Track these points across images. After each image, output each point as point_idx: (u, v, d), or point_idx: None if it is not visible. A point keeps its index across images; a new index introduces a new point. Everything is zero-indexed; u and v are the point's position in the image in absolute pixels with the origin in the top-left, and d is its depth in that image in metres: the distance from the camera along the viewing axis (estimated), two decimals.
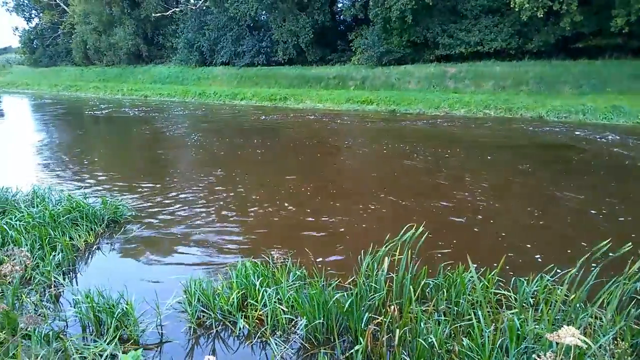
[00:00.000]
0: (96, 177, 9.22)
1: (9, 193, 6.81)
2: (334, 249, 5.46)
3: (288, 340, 3.64)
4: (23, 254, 1.67)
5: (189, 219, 6.67)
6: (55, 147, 13.09)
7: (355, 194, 7.97)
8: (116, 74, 36.88)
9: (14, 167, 10.60)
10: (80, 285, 4.66)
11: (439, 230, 6.00)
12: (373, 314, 3.67)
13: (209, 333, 3.85)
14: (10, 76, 47.38)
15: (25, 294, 4.20)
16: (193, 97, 26.87)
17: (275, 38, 28.22)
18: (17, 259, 1.62)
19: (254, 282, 4.12)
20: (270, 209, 7.03)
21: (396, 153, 11.22)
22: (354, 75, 25.10)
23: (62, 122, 19.43)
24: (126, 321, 3.74)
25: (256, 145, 12.63)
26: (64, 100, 29.01)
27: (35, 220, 5.58)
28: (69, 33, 42.85)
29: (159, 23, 35.72)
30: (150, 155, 12.35)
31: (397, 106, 19.91)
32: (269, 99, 23.71)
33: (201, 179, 8.97)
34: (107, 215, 6.34)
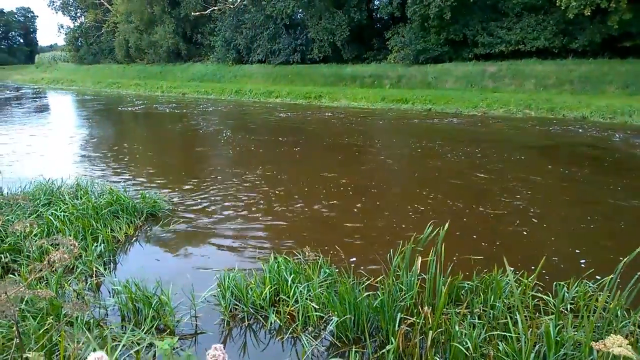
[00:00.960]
0: (134, 172, 9.52)
1: (55, 185, 7.11)
2: (372, 248, 5.42)
3: (318, 337, 3.64)
4: (71, 242, 1.73)
5: (225, 214, 6.78)
6: (95, 142, 13.59)
7: (396, 193, 7.89)
8: (156, 71, 37.90)
9: (57, 159, 11.05)
10: (120, 275, 4.81)
11: (476, 230, 5.86)
12: (404, 314, 3.62)
13: (241, 326, 3.90)
14: (56, 73, 49.52)
15: (68, 282, 4.38)
16: (229, 94, 27.29)
17: (310, 36, 28.29)
18: (66, 247, 1.68)
19: (286, 278, 4.14)
20: (307, 206, 7.06)
21: (434, 153, 11.03)
22: (389, 74, 24.87)
23: (102, 118, 20.14)
24: (162, 311, 3.84)
25: (292, 143, 12.70)
26: (105, 96, 30.07)
27: (78, 212, 5.79)
28: (112, 32, 44.40)
29: (197, 22, 36.49)
30: (187, 151, 12.65)
31: (434, 105, 19.57)
32: (304, 97, 23.80)
33: (237, 175, 9.09)
34: (146, 208, 6.52)
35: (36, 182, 7.16)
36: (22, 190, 6.89)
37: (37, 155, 11.31)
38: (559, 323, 3.20)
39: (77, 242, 5.07)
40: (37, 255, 4.81)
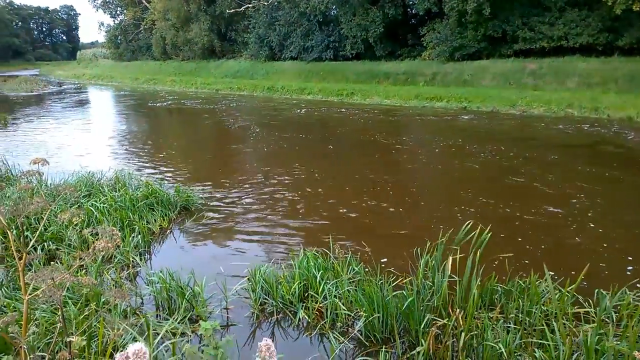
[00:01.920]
0: (167, 166, 9.76)
1: (95, 177, 7.37)
2: (402, 247, 5.37)
3: (346, 336, 3.63)
4: (114, 232, 1.79)
5: (256, 209, 6.86)
6: (131, 137, 14.00)
7: (430, 192, 7.78)
8: (191, 68, 38.64)
9: (94, 153, 11.42)
10: (154, 266, 4.95)
11: (513, 232, 5.71)
12: (434, 315, 3.57)
13: (270, 320, 3.94)
14: (96, 69, 51.25)
15: (107, 271, 4.54)
16: (261, 91, 27.55)
17: (343, 33, 28.16)
18: (109, 237, 1.73)
19: (315, 274, 4.15)
20: (339, 203, 7.07)
21: (469, 152, 10.78)
22: (424, 71, 24.43)
23: (138, 114, 20.73)
24: (195, 302, 3.92)
25: (324, 140, 12.72)
26: (141, 92, 30.85)
27: (116, 204, 5.99)
28: (150, 29, 45.56)
29: (232, 19, 36.99)
30: (220, 147, 12.86)
31: (469, 103, 19.12)
32: (336, 94, 23.73)
33: (269, 172, 9.18)
34: (180, 202, 6.68)
35: (77, 174, 7.46)
36: (65, 181, 7.18)
37: (74, 148, 11.75)
38: (599, 332, 3.07)
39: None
40: (78, 244, 5.00)
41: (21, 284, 1.73)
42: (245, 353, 3.47)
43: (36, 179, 1.96)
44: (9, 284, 4.10)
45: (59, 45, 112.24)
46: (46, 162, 1.98)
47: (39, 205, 1.67)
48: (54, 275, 1.62)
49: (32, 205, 1.64)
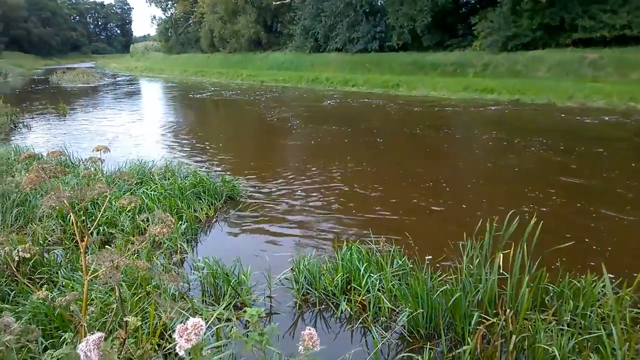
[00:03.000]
0: (212, 156, 9.98)
1: (147, 166, 7.67)
2: (449, 242, 5.24)
3: (389, 330, 3.59)
4: (169, 218, 1.84)
5: (300, 200, 6.90)
6: (178, 127, 14.44)
7: (480, 188, 7.52)
8: (237, 60, 39.31)
9: (144, 142, 11.85)
10: (200, 253, 5.09)
11: (569, 230, 5.44)
12: (480, 312, 3.47)
13: (312, 310, 3.96)
14: (147, 62, 53.19)
15: (156, 256, 4.71)
16: (306, 82, 27.61)
17: (390, 23, 27.69)
18: (164, 223, 1.79)
19: (358, 266, 4.12)
20: (384, 197, 7.01)
21: (521, 146, 10.34)
22: (474, 62, 23.59)
23: (184, 105, 21.32)
24: (240, 290, 4.00)
25: (369, 133, 12.61)
26: (189, 84, 31.69)
27: (166, 192, 6.20)
28: (199, 22, 46.76)
29: (278, 11, 37.29)
30: (265, 138, 13.03)
31: (522, 95, 18.32)
32: (381, 86, 23.42)
33: (314, 164, 9.20)
34: (226, 192, 6.82)
35: (131, 162, 7.79)
36: (119, 169, 7.51)
37: (125, 137, 12.25)
38: None
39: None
40: (130, 229, 5.21)
41: (82, 265, 1.81)
42: (286, 342, 3.51)
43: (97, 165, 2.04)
44: (67, 265, 4.33)
45: (114, 38, 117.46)
46: (107, 149, 2.07)
47: (100, 191, 1.74)
48: (113, 257, 1.69)
49: (95, 190, 1.72)
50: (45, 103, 19.66)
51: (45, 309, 3.25)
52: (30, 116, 15.94)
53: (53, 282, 4.01)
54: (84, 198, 1.70)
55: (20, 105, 17.54)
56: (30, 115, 16.26)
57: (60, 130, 13.41)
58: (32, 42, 79.28)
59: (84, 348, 1.30)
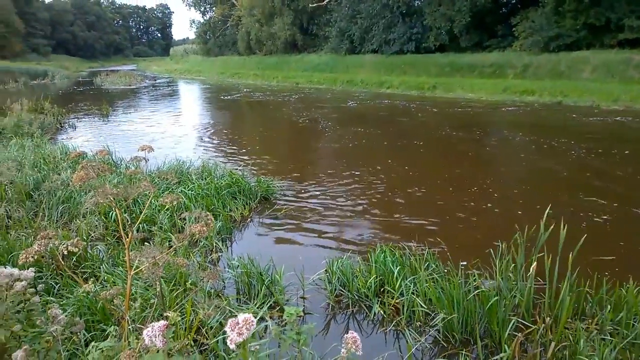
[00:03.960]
0: (247, 156, 10.12)
1: (184, 166, 7.86)
2: (484, 247, 5.12)
3: (423, 334, 3.54)
4: (209, 217, 1.88)
5: (334, 203, 6.89)
6: (215, 128, 14.72)
7: (523, 192, 7.28)
8: (273, 62, 39.75)
9: (181, 142, 12.12)
10: (235, 252, 5.16)
11: (608, 238, 5.22)
12: (516, 317, 3.39)
13: (345, 312, 3.95)
14: (186, 64, 54.58)
15: (192, 254, 4.81)
16: (341, 84, 27.60)
17: (427, 24, 27.33)
18: (204, 221, 1.84)
19: (392, 269, 4.08)
20: (419, 200, 6.93)
21: (562, 151, 9.99)
22: (514, 63, 22.95)
23: (221, 106, 21.70)
24: (273, 289, 4.04)
25: (406, 135, 12.48)
26: (226, 86, 32.27)
27: (203, 191, 6.33)
28: (236, 25, 47.65)
29: (314, 13, 37.50)
30: (299, 140, 13.09)
31: (564, 98, 17.68)
32: (417, 88, 23.13)
33: (348, 166, 9.19)
34: (260, 192, 6.89)
35: (169, 162, 8.01)
36: (159, 168, 7.73)
37: (163, 137, 12.60)
38: None
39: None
40: (168, 227, 5.35)
41: (126, 261, 1.87)
42: (318, 342, 3.51)
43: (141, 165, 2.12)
44: (108, 260, 4.49)
45: (154, 41, 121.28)
46: (151, 149, 2.13)
47: (145, 189, 1.80)
48: (155, 254, 1.74)
49: (140, 188, 1.78)
50: (89, 104, 20.50)
51: (88, 302, 3.38)
52: (75, 116, 16.64)
53: (95, 276, 4.16)
54: (129, 196, 1.76)
55: (66, 106, 18.33)
56: (75, 115, 16.98)
57: (102, 131, 13.95)
58: (77, 45, 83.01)
59: (150, 333, 1.35)
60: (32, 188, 6.28)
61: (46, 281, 3.77)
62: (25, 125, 11.82)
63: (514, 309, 3.56)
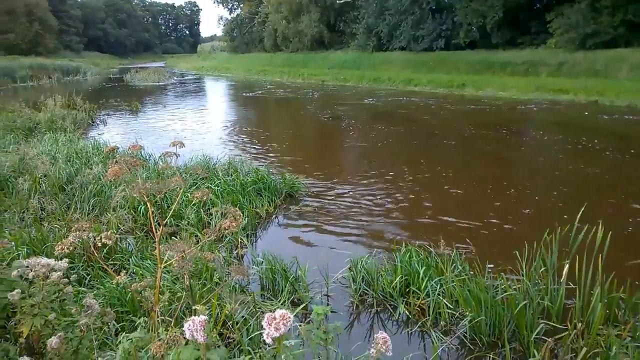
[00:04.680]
0: (273, 153, 10.17)
1: (211, 162, 7.95)
2: (521, 252, 5.01)
3: (449, 335, 3.48)
4: (237, 213, 1.89)
5: (359, 201, 6.85)
6: (241, 125, 14.87)
7: (554, 195, 7.03)
8: (299, 59, 39.79)
9: (206, 138, 12.25)
10: (259, 248, 5.19)
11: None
12: (544, 320, 3.31)
13: (369, 311, 3.92)
14: (214, 61, 55.20)
15: (217, 249, 4.87)
16: (367, 82, 27.42)
17: (457, 20, 26.84)
18: (234, 217, 1.85)
19: (417, 269, 4.03)
20: (445, 199, 6.84)
21: (595, 153, 9.66)
22: (548, 61, 22.26)
23: (247, 103, 21.88)
24: (298, 286, 4.04)
25: (433, 135, 12.33)
26: (252, 83, 32.49)
27: (229, 187, 6.39)
28: (263, 22, 47.93)
29: (341, 10, 37.37)
30: (325, 138, 13.07)
31: (601, 97, 17.08)
32: (445, 86, 22.75)
33: (373, 165, 9.14)
34: (286, 189, 6.91)
35: (195, 158, 8.13)
36: (185, 164, 7.85)
37: (190, 133, 12.79)
38: None
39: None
40: (195, 222, 5.43)
41: (156, 254, 1.90)
42: (343, 341, 3.50)
43: (172, 160, 2.15)
44: (137, 253, 4.58)
45: (183, 39, 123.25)
46: (182, 144, 2.16)
47: (177, 184, 1.82)
48: (184, 248, 1.76)
49: (172, 183, 1.80)
50: (120, 100, 20.98)
51: (118, 293, 3.46)
52: (106, 112, 17.06)
53: (125, 268, 4.25)
54: (161, 191, 1.79)
55: (97, 102, 18.80)
56: (106, 111, 17.41)
57: (132, 126, 14.26)
58: (109, 42, 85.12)
59: (191, 327, 1.38)
60: (65, 181, 6.46)
61: (78, 272, 3.87)
62: (58, 120, 12.19)
63: (542, 313, 3.48)
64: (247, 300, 3.43)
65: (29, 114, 12.68)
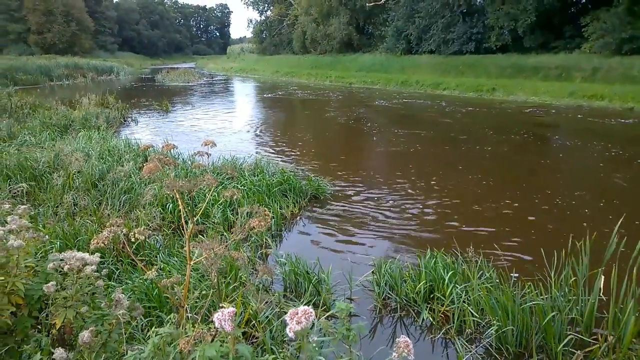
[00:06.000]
0: (300, 154, 10.20)
1: (238, 162, 8.05)
2: (550, 260, 4.88)
3: (474, 344, 3.42)
4: (266, 213, 1.92)
5: (385, 205, 6.81)
6: (267, 126, 14.99)
7: (585, 205, 6.84)
8: (327, 61, 39.83)
9: (234, 138, 12.42)
10: (283, 249, 5.21)
11: None
12: (571, 331, 3.23)
13: (392, 316, 3.89)
14: (242, 63, 55.86)
15: (242, 249, 4.92)
16: (395, 85, 27.25)
17: (489, 23, 26.37)
18: (262, 216, 1.87)
19: (442, 275, 3.97)
20: (473, 206, 6.72)
21: (630, 161, 9.35)
22: (582, 66, 21.58)
23: (274, 104, 22.03)
24: (320, 288, 4.04)
25: (461, 140, 12.14)
26: (280, 84, 32.71)
27: (255, 187, 6.46)
28: (292, 24, 48.26)
29: (371, 12, 37.26)
30: (351, 141, 13.04)
31: (637, 104, 16.49)
32: (475, 90, 22.39)
33: (399, 168, 9.09)
34: (311, 191, 6.93)
35: (222, 158, 8.24)
36: (213, 163, 7.96)
37: (218, 132, 12.96)
38: None
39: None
40: (221, 221, 5.50)
41: (186, 251, 1.94)
42: (364, 345, 3.49)
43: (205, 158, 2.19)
44: (164, 250, 4.67)
45: (213, 40, 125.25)
46: (214, 144, 2.19)
47: (208, 183, 1.86)
48: (213, 246, 1.79)
49: (204, 182, 1.84)
50: (151, 100, 21.46)
51: (146, 288, 3.54)
52: (137, 111, 17.49)
53: (152, 264, 4.34)
54: (193, 189, 1.82)
55: (129, 101, 19.29)
56: (138, 110, 17.84)
57: (162, 125, 14.56)
58: (141, 43, 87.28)
59: (220, 317, 1.41)
60: (97, 178, 6.64)
61: (108, 266, 3.97)
62: (92, 118, 12.57)
63: (570, 323, 3.40)
64: (270, 300, 3.45)
65: (65, 112, 13.12)
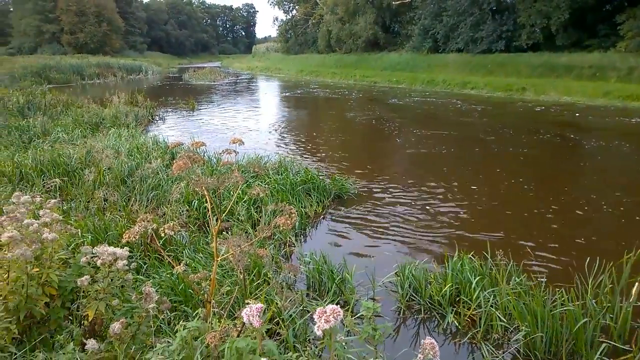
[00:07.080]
0: (324, 154, 10.18)
1: (262, 160, 8.10)
2: (582, 267, 4.75)
3: (501, 350, 3.34)
4: (292, 211, 1.92)
5: (409, 206, 6.74)
6: (290, 124, 15.04)
7: (620, 210, 6.60)
8: (352, 60, 39.61)
9: (257, 136, 12.49)
10: (307, 248, 5.22)
11: None
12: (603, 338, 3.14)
13: (416, 318, 3.85)
14: (267, 62, 56.16)
15: (267, 246, 4.94)
16: (421, 84, 26.91)
17: (520, 21, 25.72)
18: (289, 214, 1.87)
19: (469, 278, 3.90)
20: (502, 208, 6.60)
21: None
22: (617, 65, 20.77)
23: (299, 103, 22.07)
24: (344, 288, 4.03)
25: (490, 141, 11.91)
26: (304, 83, 32.72)
27: (279, 186, 6.48)
28: (317, 23, 48.26)
29: (398, 11, 36.90)
30: (376, 140, 12.95)
31: None
32: (504, 89, 21.87)
33: (423, 168, 8.99)
34: (334, 190, 6.92)
35: (247, 156, 8.31)
36: (237, 161, 8.04)
37: (244, 130, 13.07)
38: None
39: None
40: (245, 218, 5.55)
41: (213, 247, 1.96)
42: (388, 345, 3.46)
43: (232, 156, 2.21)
44: (190, 246, 4.74)
45: (238, 39, 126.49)
46: (242, 142, 2.21)
47: (236, 180, 1.87)
48: (240, 243, 1.80)
49: (232, 179, 1.85)
50: (178, 98, 21.82)
51: (172, 283, 3.59)
52: (164, 110, 17.81)
53: (178, 259, 4.41)
54: (221, 186, 1.84)
55: (157, 99, 19.65)
56: (165, 109, 18.17)
57: (189, 124, 14.79)
58: (170, 42, 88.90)
59: (248, 312, 1.43)
60: (126, 174, 6.79)
61: (136, 260, 4.06)
62: (122, 116, 12.87)
63: (602, 331, 3.30)
64: (294, 298, 3.46)
65: (96, 110, 13.48)
